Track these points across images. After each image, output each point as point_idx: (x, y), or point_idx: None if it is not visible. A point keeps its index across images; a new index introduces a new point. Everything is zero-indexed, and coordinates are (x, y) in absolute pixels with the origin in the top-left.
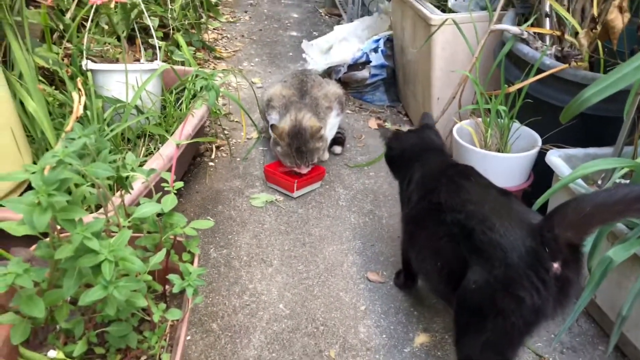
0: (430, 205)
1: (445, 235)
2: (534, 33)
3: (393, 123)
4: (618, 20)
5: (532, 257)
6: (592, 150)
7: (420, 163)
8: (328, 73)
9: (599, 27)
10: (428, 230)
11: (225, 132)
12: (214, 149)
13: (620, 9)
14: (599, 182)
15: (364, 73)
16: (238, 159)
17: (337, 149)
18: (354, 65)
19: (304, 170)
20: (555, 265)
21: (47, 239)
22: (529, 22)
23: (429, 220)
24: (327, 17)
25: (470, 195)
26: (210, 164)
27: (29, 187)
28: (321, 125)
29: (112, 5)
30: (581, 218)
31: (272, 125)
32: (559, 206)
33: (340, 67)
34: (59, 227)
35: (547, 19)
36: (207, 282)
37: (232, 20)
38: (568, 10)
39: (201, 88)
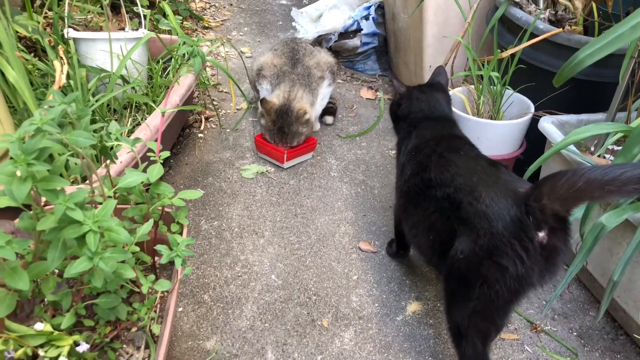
0: (422, 181)
1: (437, 210)
2: None
3: (385, 92)
4: None
5: (516, 226)
6: (585, 116)
7: (417, 132)
8: (319, 42)
9: None
10: (420, 206)
11: (215, 102)
12: (203, 120)
13: None
14: (592, 148)
15: (355, 41)
16: (228, 130)
17: (329, 119)
18: (345, 34)
19: (285, 148)
20: (541, 234)
21: (31, 211)
22: None
23: (420, 196)
24: None
25: (459, 168)
26: (200, 135)
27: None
28: (308, 109)
29: None
30: (572, 192)
31: (262, 100)
32: (549, 176)
33: (331, 35)
34: (43, 199)
35: None
36: (199, 254)
37: None
38: None
39: (185, 55)
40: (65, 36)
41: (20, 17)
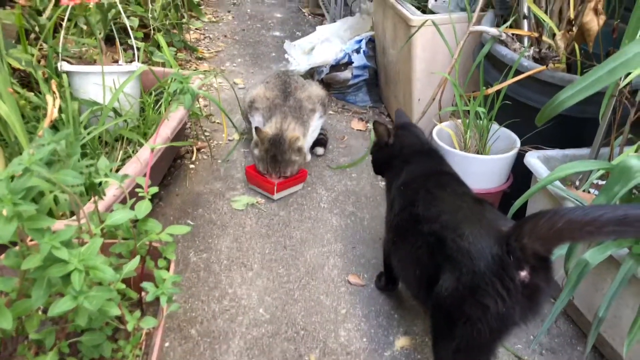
0: (410, 216)
1: (423, 245)
2: (512, 34)
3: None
4: (594, 22)
5: (497, 265)
6: (570, 151)
7: (408, 167)
8: (310, 74)
9: (575, 29)
10: (408, 240)
11: (206, 133)
12: (195, 151)
13: (596, 12)
14: (577, 183)
15: (346, 74)
16: (219, 161)
17: (320, 150)
18: (337, 66)
19: (274, 179)
20: (523, 273)
21: (17, 248)
22: (508, 24)
23: (408, 231)
24: (310, 17)
25: (445, 205)
26: (191, 166)
27: None
28: (300, 136)
29: (90, 5)
30: (552, 232)
31: (256, 128)
32: (531, 215)
33: (323, 67)
34: (29, 236)
35: (525, 20)
36: (187, 287)
37: (214, 20)
38: (546, 12)
39: (175, 91)
40: (59, 69)
41: (14, 50)
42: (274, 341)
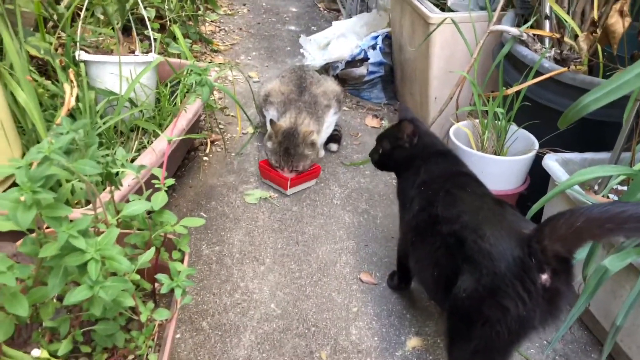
0: (429, 217)
1: (442, 246)
2: (534, 35)
3: (390, 121)
4: (619, 24)
5: (519, 267)
6: (589, 155)
7: (426, 167)
8: (325, 69)
9: (599, 31)
10: (427, 241)
11: (221, 126)
12: (209, 143)
13: (621, 13)
14: (596, 187)
15: (361, 70)
16: (233, 154)
17: (333, 146)
18: (352, 62)
19: (287, 174)
20: (544, 276)
21: (33, 235)
22: (529, 24)
23: (427, 231)
24: (325, 12)
25: (465, 205)
26: (205, 158)
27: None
28: (314, 130)
29: None
30: (571, 232)
31: (271, 121)
32: (551, 217)
33: (338, 63)
34: (45, 223)
35: (547, 21)
36: (198, 280)
37: (230, 12)
38: (568, 12)
39: (194, 83)
40: (77, 58)
41: (33, 38)
42: (285, 336)
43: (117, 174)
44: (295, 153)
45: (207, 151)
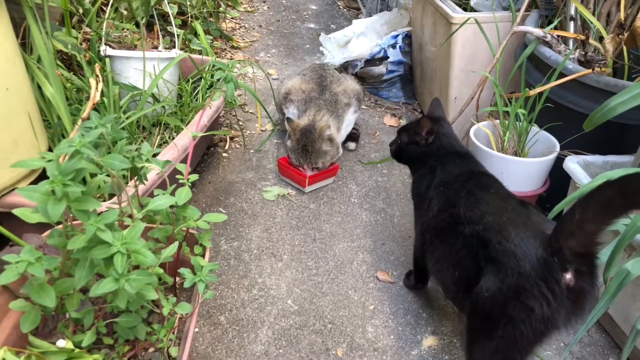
0: (450, 218)
1: (464, 246)
2: (558, 36)
3: (408, 120)
4: None
5: (543, 268)
6: (611, 158)
7: (442, 167)
8: (345, 67)
9: (625, 33)
10: (447, 241)
11: (240, 123)
12: (228, 139)
13: None
14: None
15: (381, 69)
16: (252, 151)
17: (351, 145)
18: (371, 61)
19: (308, 172)
20: (568, 276)
21: (60, 227)
22: (553, 25)
23: (448, 232)
24: (345, 10)
25: (488, 206)
26: (224, 154)
27: (44, 171)
28: (329, 124)
29: None
30: (574, 224)
31: (288, 119)
32: (562, 215)
33: (357, 61)
34: (71, 215)
35: (572, 22)
36: (217, 274)
37: (250, 10)
38: (593, 13)
39: (219, 79)
40: (102, 53)
41: (59, 32)
42: (302, 333)
43: (141, 168)
44: (313, 150)
45: (227, 147)
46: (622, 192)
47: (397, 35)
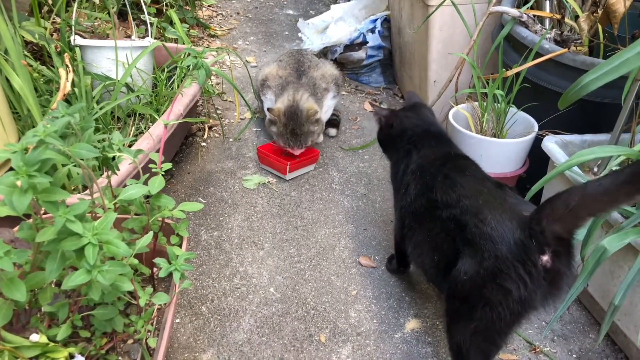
0: (427, 202)
1: (442, 230)
2: (534, 16)
3: (389, 105)
4: (620, 4)
5: (520, 250)
6: (588, 137)
7: (418, 150)
8: (324, 53)
9: (600, 11)
10: (425, 226)
11: (218, 111)
12: (207, 128)
13: None
14: (595, 169)
15: (360, 54)
16: (231, 140)
17: (332, 131)
18: (351, 46)
19: (297, 152)
20: (545, 257)
21: (30, 220)
22: (529, 5)
23: (426, 217)
24: None
25: (464, 190)
26: (203, 144)
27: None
28: (317, 108)
29: None
30: (569, 211)
31: (268, 109)
32: (549, 198)
33: (337, 47)
34: (42, 209)
35: (547, 1)
36: (197, 265)
37: None
38: None
39: (189, 67)
40: (72, 43)
41: (27, 22)
42: (284, 320)
43: (113, 158)
44: (301, 132)
45: (205, 137)
46: (634, 179)
47: (376, 20)
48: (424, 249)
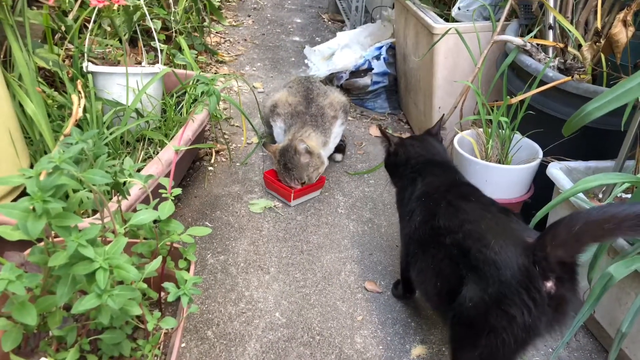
0: (431, 230)
1: (446, 256)
2: (537, 44)
3: (394, 131)
4: (622, 34)
5: (524, 276)
6: (593, 163)
7: (423, 178)
8: (330, 79)
9: (602, 41)
10: (429, 253)
11: (226, 136)
12: (214, 153)
13: (625, 23)
14: (600, 195)
15: (365, 80)
16: (237, 164)
17: (338, 156)
18: (356, 72)
19: (296, 186)
20: (549, 284)
21: (41, 244)
22: (533, 34)
23: (430, 243)
24: (330, 22)
25: (467, 215)
26: (210, 168)
27: (25, 189)
28: (302, 138)
29: (114, 7)
30: (572, 236)
31: (264, 143)
32: (552, 224)
33: (342, 73)
34: (53, 232)
35: (551, 30)
36: (204, 289)
37: (235, 24)
38: (571, 22)
39: (202, 93)
40: (84, 69)
41: (41, 49)
42: (290, 345)
43: (124, 183)
44: (292, 166)
45: (212, 161)
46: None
47: (381, 47)
48: (427, 275)
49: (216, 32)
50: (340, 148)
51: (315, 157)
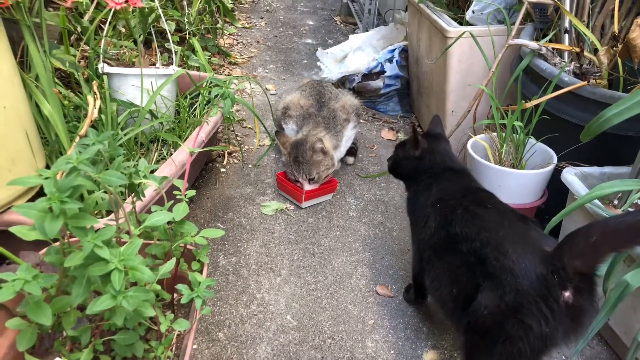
0: (447, 236)
1: (462, 264)
2: (553, 49)
3: (406, 134)
4: None
5: (542, 285)
6: (608, 169)
7: (438, 183)
8: (342, 82)
9: (619, 45)
10: (445, 259)
11: (238, 138)
12: (226, 155)
13: None
14: (616, 202)
15: (378, 83)
16: (250, 166)
17: (350, 159)
18: (368, 75)
19: (306, 186)
20: (567, 294)
21: (57, 244)
22: (548, 38)
23: (446, 250)
24: (342, 25)
25: (485, 222)
26: (222, 170)
27: (41, 189)
28: (322, 138)
29: (130, 9)
30: (590, 246)
31: (276, 132)
32: (570, 233)
33: (355, 76)
34: (68, 232)
35: (566, 34)
36: (215, 291)
37: (247, 26)
38: (588, 26)
39: (216, 95)
40: (100, 71)
41: (57, 50)
42: (301, 349)
43: (139, 184)
44: (304, 160)
45: (225, 163)
46: None
47: (394, 50)
48: (442, 282)
49: (229, 34)
50: (352, 151)
51: (328, 158)
